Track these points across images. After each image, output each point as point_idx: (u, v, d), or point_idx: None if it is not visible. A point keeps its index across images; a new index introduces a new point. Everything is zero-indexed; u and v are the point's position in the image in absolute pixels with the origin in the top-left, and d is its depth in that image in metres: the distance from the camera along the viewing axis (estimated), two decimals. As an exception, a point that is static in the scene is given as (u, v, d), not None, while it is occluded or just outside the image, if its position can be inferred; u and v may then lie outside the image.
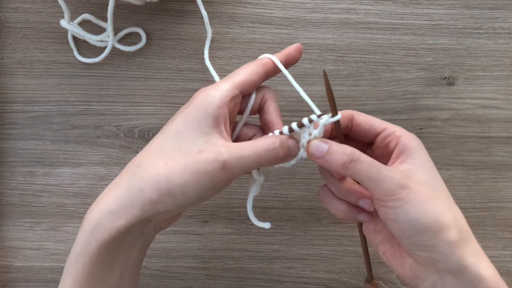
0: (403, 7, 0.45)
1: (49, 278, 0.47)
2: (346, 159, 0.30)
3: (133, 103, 0.46)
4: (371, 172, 0.30)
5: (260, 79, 0.33)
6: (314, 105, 0.32)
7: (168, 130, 0.31)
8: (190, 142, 0.29)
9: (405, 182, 0.29)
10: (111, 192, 0.30)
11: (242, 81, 0.32)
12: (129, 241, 0.30)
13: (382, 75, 0.45)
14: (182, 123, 0.30)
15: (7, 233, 0.47)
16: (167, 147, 0.30)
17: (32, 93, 0.45)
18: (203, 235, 0.47)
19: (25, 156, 0.46)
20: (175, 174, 0.29)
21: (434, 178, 0.31)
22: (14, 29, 0.45)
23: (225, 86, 0.32)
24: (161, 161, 0.29)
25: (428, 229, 0.29)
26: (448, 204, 0.30)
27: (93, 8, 0.45)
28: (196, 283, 0.47)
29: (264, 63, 0.34)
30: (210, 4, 0.45)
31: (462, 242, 0.29)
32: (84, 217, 0.30)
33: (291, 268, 0.47)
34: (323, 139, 0.31)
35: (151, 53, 0.45)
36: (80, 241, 0.29)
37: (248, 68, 0.33)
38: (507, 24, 0.45)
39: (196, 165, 0.29)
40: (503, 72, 0.46)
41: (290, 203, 0.47)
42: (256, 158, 0.30)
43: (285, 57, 0.35)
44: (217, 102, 0.31)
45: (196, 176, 0.29)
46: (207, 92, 0.31)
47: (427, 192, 0.29)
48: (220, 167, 0.29)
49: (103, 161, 0.46)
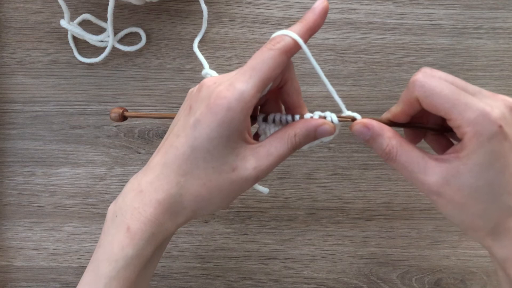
0: (403, 7, 0.45)
1: (49, 278, 0.47)
2: (383, 155, 0.30)
3: (133, 103, 0.46)
4: (404, 173, 0.30)
5: (282, 69, 0.30)
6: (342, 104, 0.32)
7: (196, 147, 0.29)
8: (221, 161, 0.30)
9: (437, 190, 0.29)
10: (154, 207, 0.30)
11: (265, 79, 0.29)
12: (162, 248, 0.33)
13: (382, 75, 0.45)
14: (209, 142, 0.29)
15: (7, 233, 0.47)
16: (200, 165, 0.30)
17: (32, 93, 0.45)
18: (203, 235, 0.47)
19: (25, 156, 0.46)
20: (213, 195, 0.30)
21: (490, 179, 0.28)
22: (14, 29, 0.45)
23: (248, 93, 0.28)
24: (200, 182, 0.30)
25: (457, 225, 0.30)
26: (490, 208, 0.29)
27: (93, 8, 0.45)
28: (196, 283, 0.47)
29: (288, 49, 0.29)
30: (210, 4, 0.45)
31: (492, 238, 0.29)
32: (128, 225, 0.30)
33: (291, 268, 0.47)
34: (368, 123, 0.31)
35: (151, 53, 0.45)
36: (133, 246, 0.30)
37: (271, 60, 0.28)
38: (507, 24, 0.45)
39: (232, 185, 0.30)
40: (503, 72, 0.46)
41: (290, 203, 0.47)
42: (282, 158, 0.31)
43: (308, 30, 0.30)
44: (241, 117, 0.28)
45: (232, 194, 0.31)
46: (229, 105, 0.28)
47: (463, 198, 0.28)
48: (254, 180, 0.30)
49: (103, 161, 0.46)
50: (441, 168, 0.29)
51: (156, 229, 0.30)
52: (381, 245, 0.47)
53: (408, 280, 0.47)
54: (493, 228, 0.29)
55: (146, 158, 0.45)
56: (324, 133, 0.31)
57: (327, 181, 0.46)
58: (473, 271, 0.47)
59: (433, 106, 0.28)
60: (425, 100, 0.29)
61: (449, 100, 0.28)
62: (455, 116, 0.28)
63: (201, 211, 0.31)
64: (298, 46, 0.30)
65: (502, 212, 0.29)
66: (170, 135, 0.31)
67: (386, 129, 0.30)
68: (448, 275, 0.47)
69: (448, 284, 0.47)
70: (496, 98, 0.29)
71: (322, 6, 0.30)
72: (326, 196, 0.47)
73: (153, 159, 0.31)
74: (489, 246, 0.29)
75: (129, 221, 0.30)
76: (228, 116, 0.28)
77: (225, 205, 0.31)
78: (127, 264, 0.30)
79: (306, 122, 0.31)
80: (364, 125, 0.30)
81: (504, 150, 0.27)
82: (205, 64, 0.43)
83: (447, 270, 0.47)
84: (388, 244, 0.47)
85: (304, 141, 0.31)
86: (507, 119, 0.28)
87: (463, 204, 0.28)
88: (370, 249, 0.47)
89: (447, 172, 0.28)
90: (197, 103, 0.30)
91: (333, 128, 0.31)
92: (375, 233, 0.47)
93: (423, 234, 0.47)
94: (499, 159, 0.28)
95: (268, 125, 0.32)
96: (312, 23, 0.30)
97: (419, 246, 0.47)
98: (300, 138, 0.31)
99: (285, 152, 0.30)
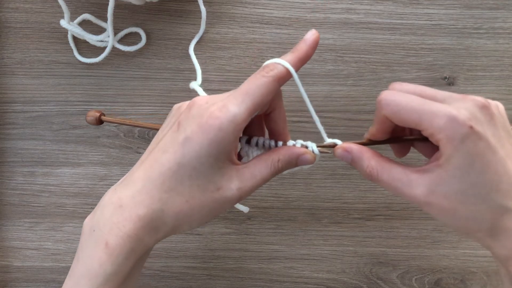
0: (403, 7, 0.45)
1: (49, 278, 0.47)
2: (367, 175, 0.31)
3: (133, 103, 0.46)
4: (391, 190, 0.30)
5: (273, 96, 0.31)
6: (324, 132, 0.33)
7: (184, 163, 0.29)
8: (206, 180, 0.30)
9: (424, 200, 0.29)
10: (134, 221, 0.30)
11: (257, 104, 0.29)
12: (142, 261, 0.33)
13: (382, 75, 0.45)
14: (197, 158, 0.29)
15: (7, 233, 0.47)
16: (185, 183, 0.30)
17: (32, 93, 0.45)
18: (203, 235, 0.47)
19: (25, 156, 0.46)
20: (194, 211, 0.30)
21: (473, 180, 0.28)
22: (14, 29, 0.45)
23: (240, 117, 0.29)
24: (182, 199, 0.30)
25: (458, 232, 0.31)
26: (481, 209, 0.28)
27: (93, 8, 0.45)
28: (196, 283, 0.47)
29: (281, 77, 0.30)
30: (210, 4, 0.45)
31: (491, 238, 0.29)
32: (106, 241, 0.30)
33: (291, 268, 0.47)
34: (347, 147, 0.32)
35: (151, 53, 0.45)
36: (111, 262, 0.30)
37: (264, 87, 0.30)
38: (507, 24, 0.45)
39: (214, 203, 0.30)
40: (503, 72, 0.46)
41: (290, 203, 0.47)
42: (264, 181, 0.32)
43: (299, 60, 0.31)
44: (231, 138, 0.29)
45: (214, 212, 0.31)
46: (221, 126, 0.28)
47: (452, 204, 0.29)
48: (236, 200, 0.31)
49: (103, 161, 0.46)
50: (424, 179, 0.29)
51: (135, 245, 0.30)
52: (381, 245, 0.47)
53: (408, 280, 0.47)
54: (490, 229, 0.29)
55: (146, 158, 0.45)
56: (305, 162, 0.33)
57: (327, 181, 0.46)
58: (473, 271, 0.47)
59: (403, 121, 0.29)
60: (394, 117, 0.29)
61: (416, 111, 0.28)
62: (425, 125, 0.28)
63: (181, 227, 0.31)
64: (290, 75, 0.31)
65: (494, 211, 0.28)
66: (155, 150, 0.31)
67: (364, 151, 0.31)
68: (448, 275, 0.47)
69: (448, 284, 0.47)
70: (466, 99, 0.29)
71: (313, 38, 0.31)
72: (326, 196, 0.47)
73: (135, 172, 0.31)
74: (490, 247, 0.30)
75: (108, 236, 0.30)
76: (219, 136, 0.29)
77: (205, 222, 0.32)
78: (106, 280, 0.30)
79: (289, 150, 0.32)
80: (344, 150, 0.32)
81: (480, 150, 0.28)
82: (198, 71, 0.43)
83: (447, 270, 0.47)
84: (388, 244, 0.47)
85: (286, 167, 0.32)
86: (478, 119, 0.28)
87: (453, 210, 0.29)
88: (370, 249, 0.47)
89: (431, 182, 0.29)
90: (187, 120, 0.30)
91: (313, 158, 0.33)
92: (375, 233, 0.47)
93: (423, 234, 0.47)
94: (477, 159, 0.28)
95: (251, 148, 0.34)
96: (304, 54, 0.31)
97: (419, 246, 0.47)
98: (282, 164, 0.32)
99: (267, 175, 0.32)
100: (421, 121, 0.28)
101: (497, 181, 0.28)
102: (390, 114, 0.29)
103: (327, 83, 0.46)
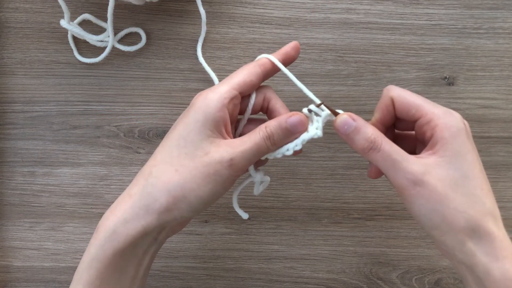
0: (403, 7, 0.45)
1: (49, 278, 0.47)
2: (366, 145, 0.31)
3: (133, 103, 0.46)
4: (388, 163, 0.30)
5: (258, 80, 0.34)
6: (313, 95, 0.34)
7: (171, 136, 0.31)
8: (194, 146, 0.30)
9: (420, 178, 0.29)
10: (125, 201, 0.31)
11: (240, 82, 0.32)
12: (143, 247, 0.32)
13: (382, 75, 0.46)
14: (184, 128, 0.31)
15: (7, 233, 0.47)
16: (173, 153, 0.30)
17: (32, 93, 0.45)
18: (203, 235, 0.47)
19: (25, 156, 0.46)
20: (186, 180, 0.30)
21: (465, 171, 0.29)
22: (14, 29, 0.45)
23: (223, 89, 0.32)
24: (171, 168, 0.30)
25: (437, 227, 0.29)
26: (469, 202, 0.29)
27: (93, 8, 0.45)
28: (196, 283, 0.47)
29: (262, 63, 0.34)
30: (210, 4, 0.45)
31: (473, 242, 0.29)
32: (98, 225, 0.31)
33: (291, 268, 0.47)
34: (354, 116, 0.32)
35: (151, 53, 0.45)
36: (94, 247, 0.30)
37: (246, 69, 0.33)
38: (507, 24, 0.45)
39: (205, 167, 0.30)
40: (503, 72, 0.46)
41: (290, 203, 0.47)
42: (255, 145, 0.31)
43: (282, 56, 0.35)
44: (216, 105, 0.31)
45: (207, 178, 0.30)
46: (206, 96, 0.31)
47: (445, 189, 0.29)
48: (228, 164, 0.30)
49: (103, 161, 0.46)
50: (420, 161, 0.30)
51: (119, 227, 0.29)
52: (381, 245, 0.47)
53: (408, 280, 0.47)
54: (473, 230, 0.29)
55: (146, 158, 0.45)
56: (295, 123, 0.32)
57: (327, 181, 0.46)
58: (473, 271, 0.47)
59: (406, 104, 0.31)
60: (399, 98, 0.31)
61: (419, 98, 0.31)
62: (426, 110, 0.30)
63: (179, 206, 0.30)
64: (271, 63, 0.34)
65: (479, 208, 0.29)
66: None
67: (369, 123, 0.32)
68: (448, 275, 0.47)
69: (448, 284, 0.47)
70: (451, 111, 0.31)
71: (295, 43, 0.35)
72: (326, 196, 0.47)
73: None
74: (471, 252, 0.29)
75: (101, 222, 0.31)
76: (204, 103, 0.31)
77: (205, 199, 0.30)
78: (89, 267, 0.30)
79: (278, 117, 0.33)
80: (350, 116, 0.32)
81: (471, 147, 0.30)
82: (211, 73, 0.43)
83: (447, 270, 0.47)
84: (388, 244, 0.47)
85: (277, 133, 0.31)
86: (465, 124, 0.31)
87: (444, 195, 0.29)
88: (370, 249, 0.47)
89: (427, 164, 0.30)
90: None
91: (304, 118, 0.32)
92: (375, 233, 0.47)
93: (423, 234, 0.47)
94: (469, 153, 0.30)
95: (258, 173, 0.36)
96: (284, 50, 0.35)
97: (419, 246, 0.47)
98: (271, 128, 0.31)
99: (258, 140, 0.31)
100: (424, 106, 0.31)
101: (481, 179, 0.30)
102: (397, 95, 0.32)
103: (327, 83, 0.46)
